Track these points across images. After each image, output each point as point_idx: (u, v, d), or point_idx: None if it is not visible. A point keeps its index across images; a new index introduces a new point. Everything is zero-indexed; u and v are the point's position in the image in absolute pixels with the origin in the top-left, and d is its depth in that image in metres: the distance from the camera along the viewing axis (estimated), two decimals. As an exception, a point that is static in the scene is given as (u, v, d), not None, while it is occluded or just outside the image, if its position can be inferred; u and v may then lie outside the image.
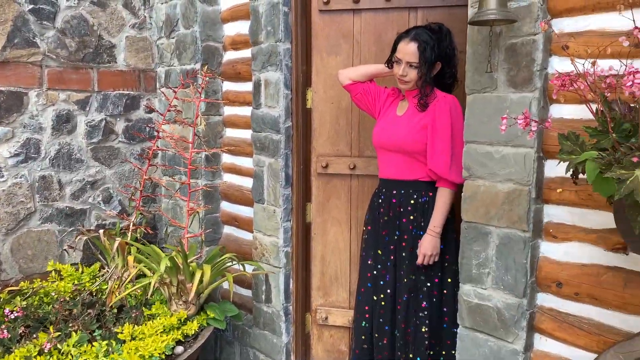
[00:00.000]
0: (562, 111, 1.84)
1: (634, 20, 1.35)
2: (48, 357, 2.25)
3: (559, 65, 1.81)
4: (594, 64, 1.37)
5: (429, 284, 2.32)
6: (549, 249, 1.93)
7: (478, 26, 1.93)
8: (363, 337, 2.50)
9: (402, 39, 2.29)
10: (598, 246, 1.79)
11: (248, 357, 3.14)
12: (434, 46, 2.24)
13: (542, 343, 1.97)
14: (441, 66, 2.31)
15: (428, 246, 2.26)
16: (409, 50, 2.25)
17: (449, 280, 2.31)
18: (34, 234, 3.14)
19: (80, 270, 3.04)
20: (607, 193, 1.35)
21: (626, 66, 1.30)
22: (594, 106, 1.44)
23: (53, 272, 2.97)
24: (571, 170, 1.47)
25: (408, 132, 2.32)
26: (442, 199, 2.27)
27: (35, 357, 2.23)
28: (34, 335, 2.41)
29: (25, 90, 3.05)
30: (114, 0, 3.36)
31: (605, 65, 1.41)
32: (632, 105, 1.40)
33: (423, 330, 2.31)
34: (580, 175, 1.46)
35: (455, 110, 2.24)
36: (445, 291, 2.33)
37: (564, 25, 1.81)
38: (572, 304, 1.87)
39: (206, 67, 3.07)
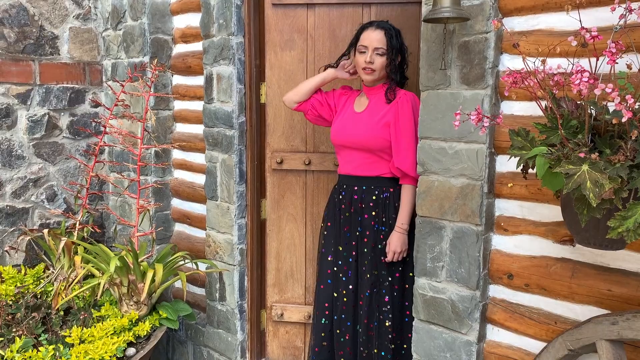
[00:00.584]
0: (513, 108, 1.89)
1: (580, 21, 1.40)
2: (-11, 364, 2.14)
3: (510, 63, 1.85)
4: (544, 62, 1.41)
5: (390, 279, 2.34)
6: (501, 242, 1.98)
7: (432, 24, 1.95)
8: (323, 334, 2.49)
9: (366, 29, 2.29)
10: (547, 238, 1.85)
11: (202, 357, 3.09)
12: (397, 35, 2.27)
13: (494, 333, 2.02)
14: (399, 60, 2.32)
15: (397, 243, 2.27)
16: (375, 37, 2.25)
17: (410, 274, 2.32)
18: (-28, 234, 2.98)
19: (23, 272, 2.91)
20: (555, 187, 1.40)
21: (574, 65, 1.34)
22: (543, 103, 1.49)
23: (-7, 275, 2.83)
24: (521, 165, 1.51)
25: (370, 129, 2.30)
26: (408, 196, 2.27)
27: (-25, 365, 2.13)
28: (-27, 342, 2.29)
29: (-41, 82, 2.89)
30: (56, -11, 3.22)
31: (554, 63, 1.45)
32: (579, 102, 1.45)
33: (387, 324, 2.32)
34: (530, 170, 1.50)
35: (416, 107, 2.24)
36: (406, 285, 2.35)
37: (514, 24, 1.86)
38: (522, 294, 1.93)
39: (155, 60, 2.98)
